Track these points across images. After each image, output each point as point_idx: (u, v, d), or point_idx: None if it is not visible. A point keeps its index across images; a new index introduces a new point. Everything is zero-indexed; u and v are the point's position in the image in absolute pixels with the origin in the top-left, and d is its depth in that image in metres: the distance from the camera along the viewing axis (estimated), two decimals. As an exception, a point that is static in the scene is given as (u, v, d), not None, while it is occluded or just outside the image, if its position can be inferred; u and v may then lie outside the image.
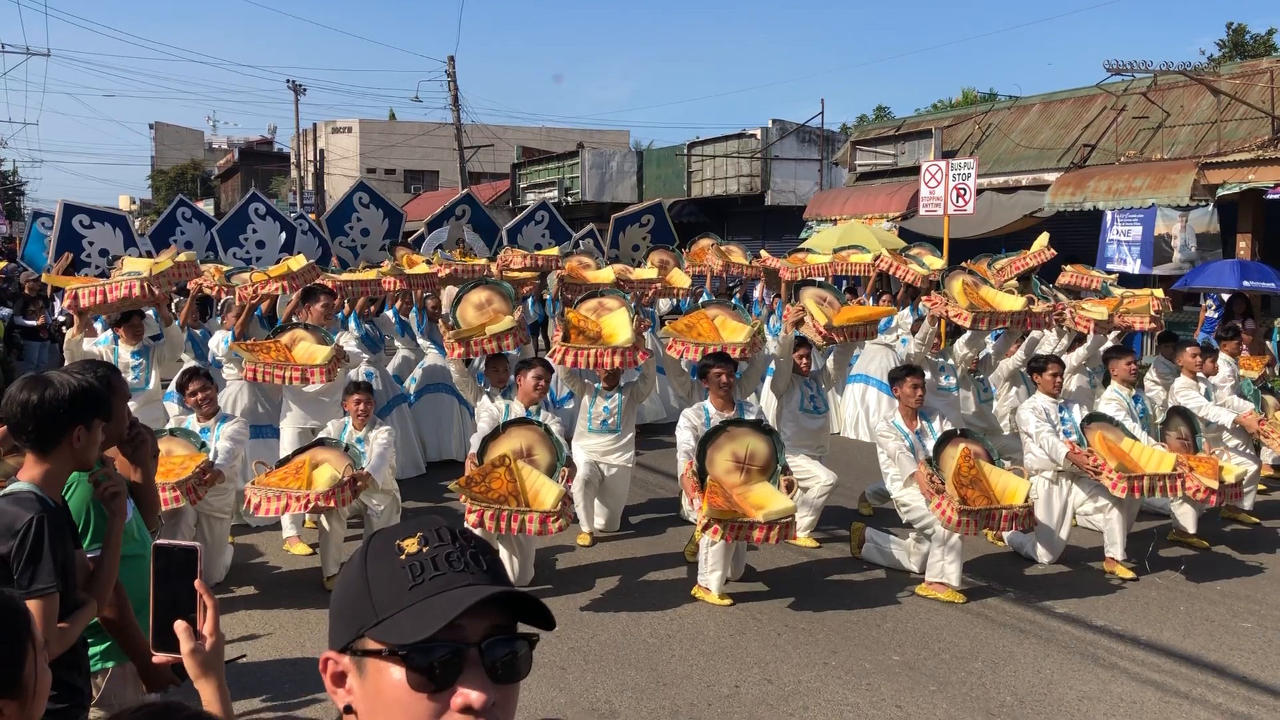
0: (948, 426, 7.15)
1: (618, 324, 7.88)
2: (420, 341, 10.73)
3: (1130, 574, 7.04)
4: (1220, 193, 14.39)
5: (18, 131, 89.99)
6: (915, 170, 16.58)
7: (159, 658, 1.86)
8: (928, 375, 7.84)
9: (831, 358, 8.33)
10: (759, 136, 27.60)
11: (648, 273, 11.22)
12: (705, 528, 6.12)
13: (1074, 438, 7.24)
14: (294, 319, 8.68)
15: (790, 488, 6.58)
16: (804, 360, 8.25)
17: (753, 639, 5.98)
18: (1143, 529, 7.88)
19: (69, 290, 7.66)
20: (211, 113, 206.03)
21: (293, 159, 51.57)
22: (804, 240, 18.76)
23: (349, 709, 1.25)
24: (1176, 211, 15.06)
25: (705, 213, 29.20)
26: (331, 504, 6.44)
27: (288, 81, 45.45)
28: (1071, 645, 5.90)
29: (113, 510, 2.82)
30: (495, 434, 6.74)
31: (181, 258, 10.10)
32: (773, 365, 8.16)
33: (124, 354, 8.15)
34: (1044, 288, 9.90)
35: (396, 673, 1.19)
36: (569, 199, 32.72)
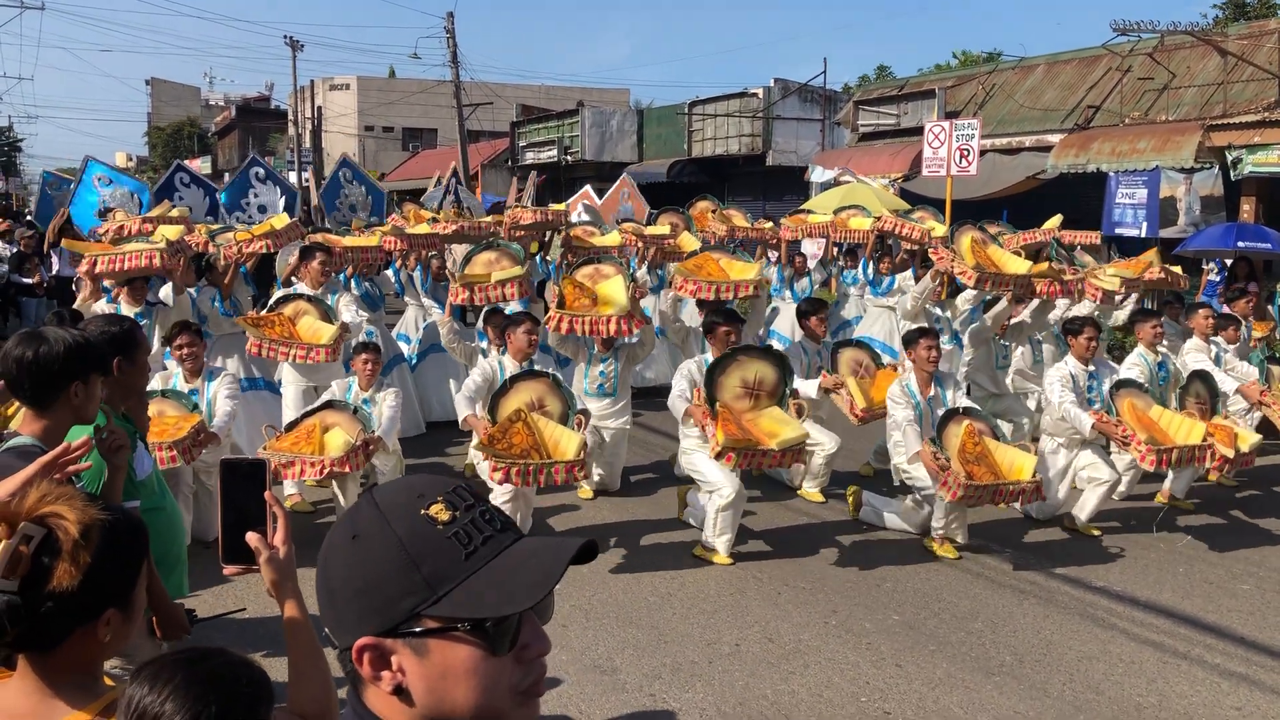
0: (961, 396, 7.07)
1: (613, 291, 7.83)
2: (424, 301, 10.68)
3: (1097, 533, 7.14)
4: (1236, 174, 14.26)
5: (12, 86, 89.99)
6: (918, 131, 16.47)
7: (230, 569, 1.90)
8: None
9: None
10: (761, 96, 27.39)
11: (660, 229, 11.14)
12: (718, 455, 6.12)
13: (1098, 406, 7.13)
14: (293, 279, 8.63)
15: (800, 411, 6.61)
16: (820, 327, 8.25)
17: (753, 598, 6.00)
18: (1149, 490, 7.91)
19: (87, 256, 7.59)
20: (208, 69, 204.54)
21: (290, 116, 51.16)
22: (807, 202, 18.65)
23: (397, 690, 1.17)
24: (1180, 174, 14.97)
25: (706, 172, 29.03)
26: (346, 469, 6.45)
27: (285, 37, 44.94)
28: (1071, 606, 5.93)
29: (114, 465, 2.82)
30: (504, 390, 6.72)
31: (174, 213, 10.03)
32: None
33: (127, 315, 8.07)
34: (1060, 250, 9.75)
35: (468, 643, 1.15)
36: (569, 158, 32.53)
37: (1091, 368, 7.35)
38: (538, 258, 11.88)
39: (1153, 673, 5.09)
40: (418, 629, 1.15)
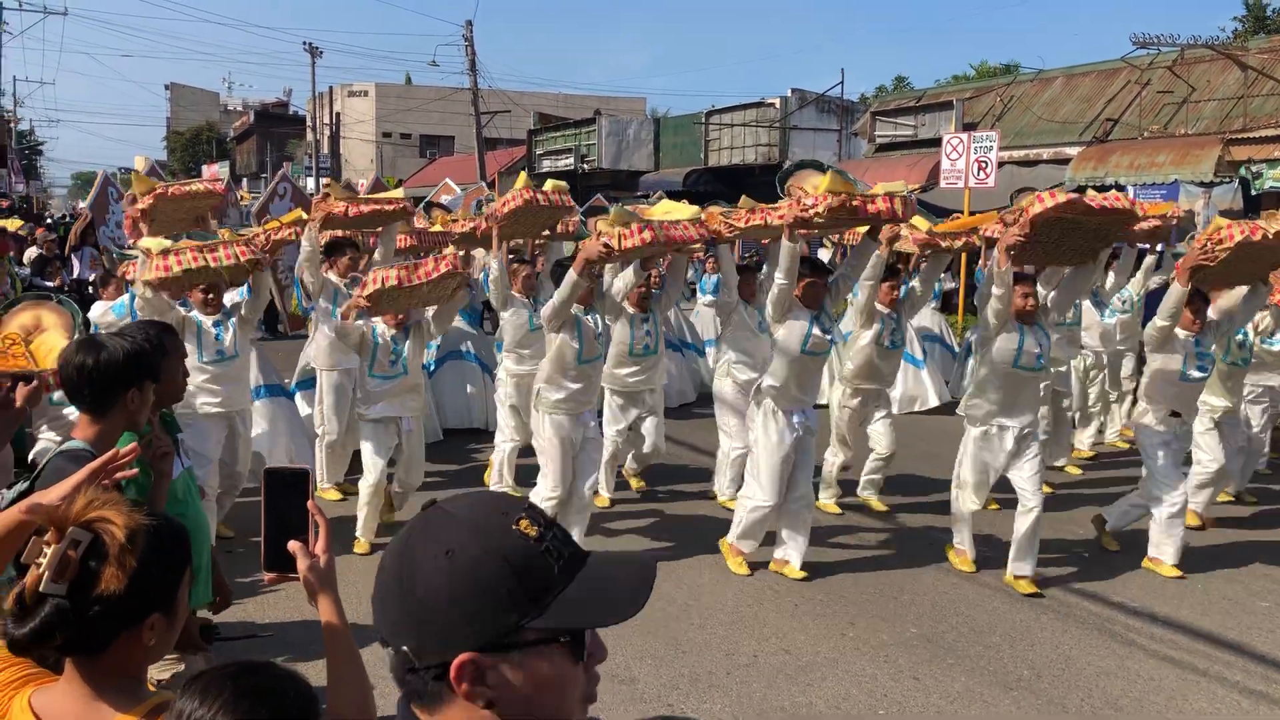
0: None
1: (670, 208, 7.22)
2: None
3: (1116, 547, 7.09)
4: (1255, 188, 14.21)
5: (34, 90, 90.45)
6: (935, 142, 16.47)
7: (270, 577, 1.92)
8: (879, 334, 7.59)
9: (918, 277, 7.92)
10: (778, 106, 27.46)
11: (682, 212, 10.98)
12: (817, 206, 5.97)
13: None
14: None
15: None
16: (894, 292, 7.67)
17: (771, 609, 6.01)
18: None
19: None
20: (227, 74, 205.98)
21: (308, 122, 51.46)
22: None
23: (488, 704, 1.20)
24: (1199, 188, 14.94)
25: (722, 181, 29.08)
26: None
27: (304, 44, 45.32)
28: (1089, 621, 5.92)
29: (160, 471, 2.87)
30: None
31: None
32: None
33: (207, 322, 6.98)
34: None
35: (562, 654, 1.20)
36: (585, 166, 32.64)
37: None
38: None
39: (1172, 689, 5.08)
40: (516, 641, 1.17)
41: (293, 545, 1.89)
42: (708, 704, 4.83)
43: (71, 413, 6.41)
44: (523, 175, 8.31)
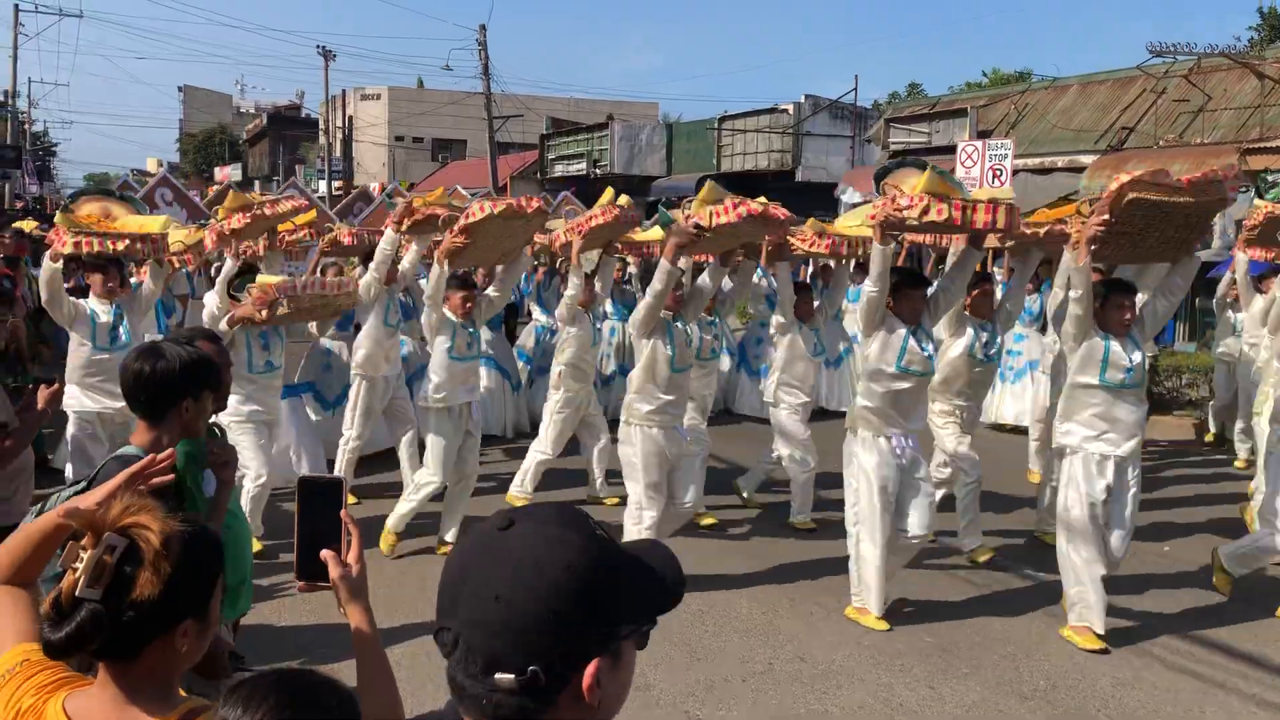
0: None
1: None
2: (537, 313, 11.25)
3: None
4: (1270, 198, 14.14)
5: (49, 92, 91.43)
6: (950, 149, 16.45)
7: (303, 585, 1.94)
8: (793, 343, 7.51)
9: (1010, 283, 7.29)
10: (791, 111, 27.45)
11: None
12: (911, 206, 5.40)
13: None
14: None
15: None
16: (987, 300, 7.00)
17: (785, 616, 6.01)
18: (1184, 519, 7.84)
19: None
20: (240, 77, 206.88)
21: (321, 125, 51.62)
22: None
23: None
24: (1215, 197, 14.87)
25: (735, 188, 28.95)
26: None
27: (318, 47, 45.50)
28: (1106, 632, 5.87)
29: (222, 479, 2.90)
30: None
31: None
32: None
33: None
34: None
35: (633, 643, 1.30)
36: (597, 170, 32.67)
37: None
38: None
39: (1189, 701, 5.05)
40: (621, 637, 1.27)
41: (325, 554, 1.91)
42: (724, 711, 4.83)
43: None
44: (609, 191, 8.02)
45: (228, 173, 56.85)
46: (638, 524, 6.19)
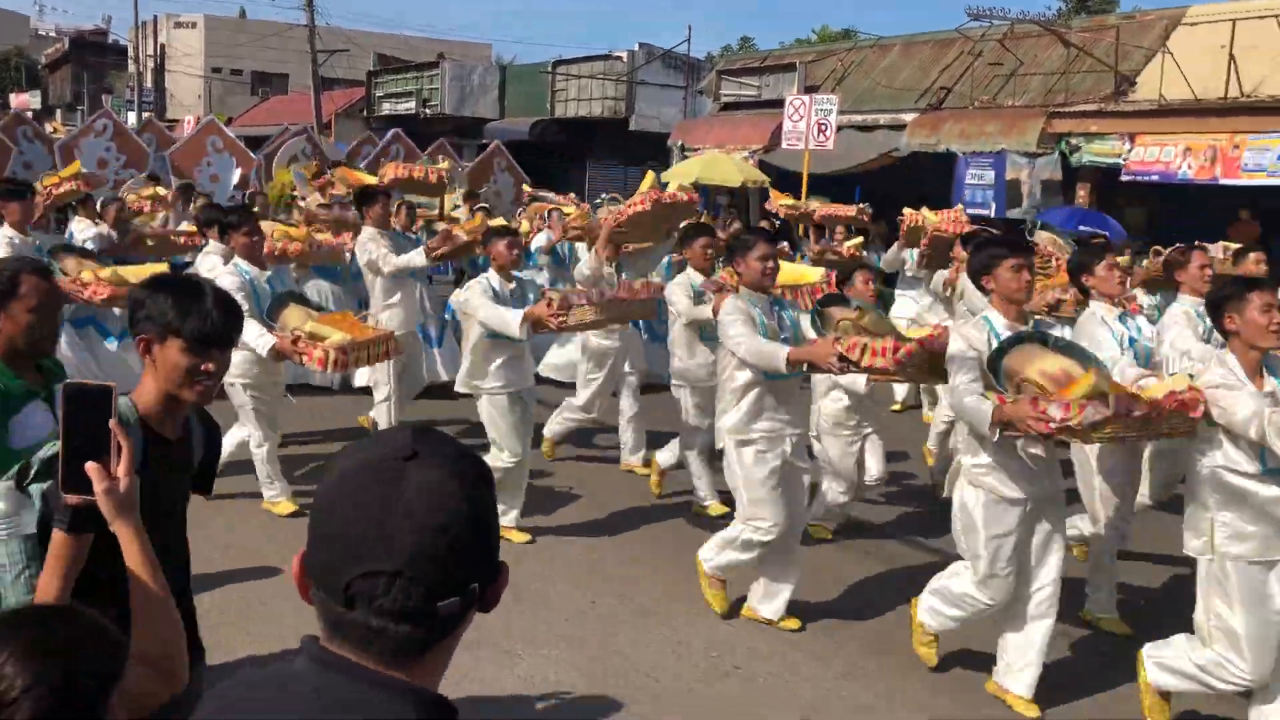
0: None
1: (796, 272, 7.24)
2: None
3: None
4: (1074, 162, 14.95)
5: None
6: (779, 103, 16.71)
7: (69, 499, 1.81)
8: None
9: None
10: (625, 60, 27.34)
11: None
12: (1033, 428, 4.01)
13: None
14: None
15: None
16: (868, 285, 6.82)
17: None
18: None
19: None
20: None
21: (130, 53, 48.44)
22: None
23: None
24: (1024, 158, 15.64)
25: (569, 133, 28.85)
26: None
27: (126, -32, 42.48)
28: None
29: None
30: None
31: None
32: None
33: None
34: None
35: None
36: (427, 110, 31.84)
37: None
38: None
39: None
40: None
41: (90, 467, 1.79)
42: (546, 649, 4.81)
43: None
44: (650, 176, 7.76)
45: (25, 99, 52.76)
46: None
